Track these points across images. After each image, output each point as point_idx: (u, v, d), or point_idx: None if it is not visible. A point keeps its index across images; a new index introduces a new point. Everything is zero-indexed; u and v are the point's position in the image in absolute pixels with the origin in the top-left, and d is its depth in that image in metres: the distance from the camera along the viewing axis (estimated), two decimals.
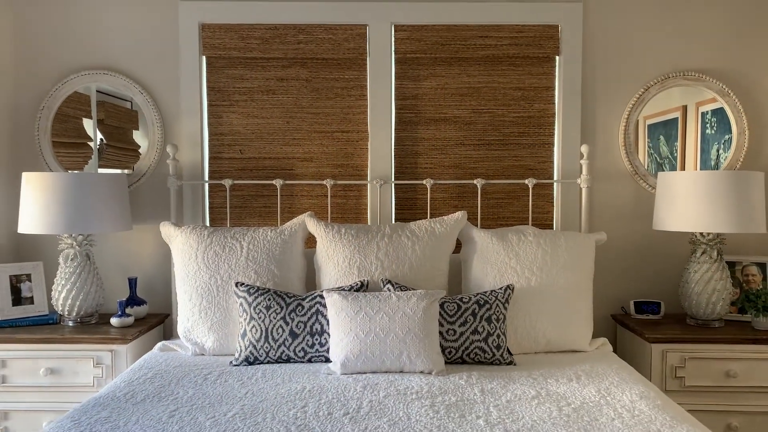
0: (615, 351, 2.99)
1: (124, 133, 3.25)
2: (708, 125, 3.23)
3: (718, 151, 3.21)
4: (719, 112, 3.18)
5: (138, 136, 3.24)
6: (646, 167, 3.22)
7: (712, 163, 3.21)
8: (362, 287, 2.62)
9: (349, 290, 2.57)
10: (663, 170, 3.22)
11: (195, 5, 3.12)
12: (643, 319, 3.02)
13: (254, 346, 2.51)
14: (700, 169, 3.19)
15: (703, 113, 3.24)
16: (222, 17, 3.12)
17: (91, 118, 3.23)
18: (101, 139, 3.24)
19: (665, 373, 2.74)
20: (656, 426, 1.86)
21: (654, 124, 3.25)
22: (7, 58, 3.11)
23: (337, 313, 2.44)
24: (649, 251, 3.19)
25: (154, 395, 2.14)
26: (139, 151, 3.23)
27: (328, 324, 2.50)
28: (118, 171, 3.25)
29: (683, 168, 3.22)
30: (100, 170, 3.21)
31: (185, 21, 3.12)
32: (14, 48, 3.15)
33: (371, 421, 1.89)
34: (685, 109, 3.26)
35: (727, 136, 3.17)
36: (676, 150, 3.24)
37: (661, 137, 3.25)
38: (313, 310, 2.54)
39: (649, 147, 3.25)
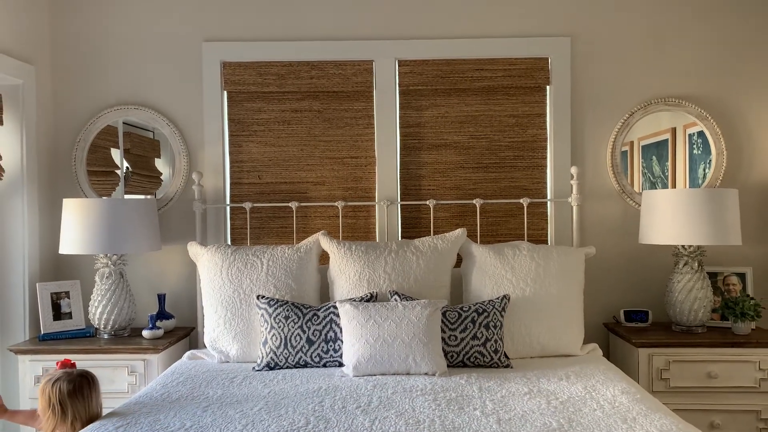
0: (608, 356, 3.23)
1: (148, 162, 3.56)
2: (695, 146, 3.49)
3: (704, 170, 3.47)
4: (703, 134, 3.44)
5: (160, 164, 3.55)
6: (640, 186, 3.48)
7: (700, 181, 3.46)
8: (371, 298, 2.88)
9: (360, 301, 2.84)
10: (656, 188, 3.48)
11: (217, 45, 3.44)
12: (632, 326, 3.25)
13: (274, 353, 2.77)
14: (689, 187, 3.44)
15: (690, 135, 3.50)
16: (242, 56, 3.44)
17: (118, 148, 3.54)
18: (127, 167, 3.54)
19: (652, 375, 2.98)
20: (632, 414, 2.11)
21: (647, 145, 3.51)
22: (47, 96, 3.44)
23: (349, 322, 2.70)
24: (637, 263, 3.44)
25: (187, 395, 2.41)
26: (161, 178, 3.53)
27: (341, 332, 2.77)
28: (142, 196, 3.55)
29: (674, 186, 3.48)
30: (126, 196, 3.51)
31: (208, 60, 3.44)
32: (53, 86, 3.48)
33: (380, 413, 2.15)
34: (674, 131, 3.53)
35: (710, 157, 3.42)
36: (668, 169, 3.49)
37: (654, 157, 3.51)
38: (328, 319, 2.81)
39: (643, 167, 3.51)
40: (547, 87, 3.46)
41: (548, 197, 3.46)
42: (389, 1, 3.44)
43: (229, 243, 3.47)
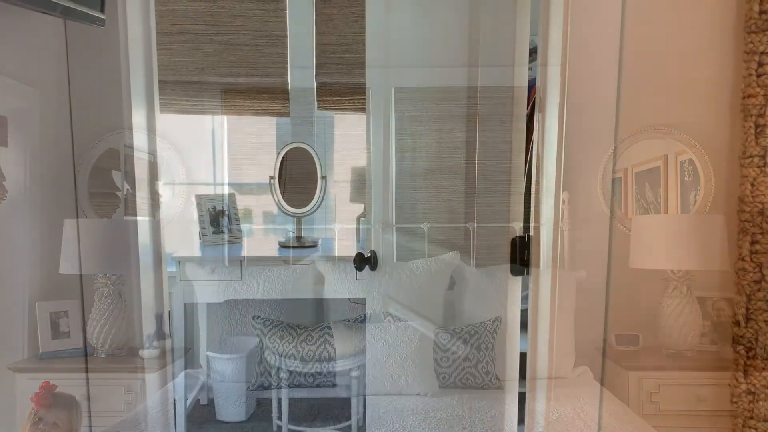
0: (599, 380, 3.26)
1: (147, 184, 3.62)
2: (686, 173, 3.56)
3: (695, 197, 3.53)
4: (694, 161, 3.51)
5: (160, 186, 3.61)
6: (634, 212, 3.54)
7: (691, 208, 3.52)
8: (365, 319, 2.93)
9: (354, 321, 2.89)
10: (649, 214, 3.54)
11: (219, 72, 3.53)
12: (623, 350, 3.29)
13: (269, 373, 2.81)
14: (681, 213, 3.50)
15: (681, 162, 3.57)
16: (242, 82, 3.52)
17: (119, 170, 3.60)
18: (127, 189, 3.61)
19: (642, 398, 3.01)
20: None
21: (640, 172, 3.58)
22: (52, 122, 3.51)
23: (343, 342, 2.75)
24: (628, 288, 3.47)
25: (182, 413, 2.44)
26: (161, 200, 3.60)
27: (334, 352, 2.81)
28: (142, 218, 3.61)
29: (666, 212, 3.53)
30: (126, 217, 3.57)
31: (209, 86, 3.53)
32: (58, 111, 3.55)
33: (371, 430, 2.19)
34: (666, 158, 3.60)
35: (700, 184, 3.49)
36: (661, 196, 3.56)
37: (647, 184, 3.58)
38: (321, 339, 2.86)
39: (636, 193, 3.58)
40: (539, 114, 3.53)
41: (540, 221, 3.52)
42: (387, 31, 3.54)
43: (226, 264, 3.52)
